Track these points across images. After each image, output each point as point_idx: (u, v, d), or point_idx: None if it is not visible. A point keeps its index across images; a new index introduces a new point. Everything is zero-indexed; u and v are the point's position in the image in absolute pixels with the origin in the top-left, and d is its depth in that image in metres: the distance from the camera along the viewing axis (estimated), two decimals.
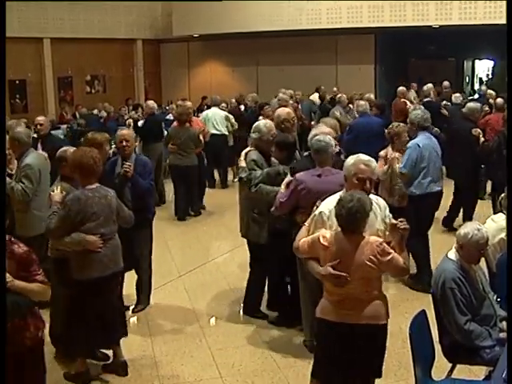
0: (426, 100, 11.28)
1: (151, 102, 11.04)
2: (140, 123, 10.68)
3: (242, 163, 5.52)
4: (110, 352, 4.90)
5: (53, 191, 4.77)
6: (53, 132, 13.53)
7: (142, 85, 20.19)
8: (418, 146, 6.35)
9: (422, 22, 15.06)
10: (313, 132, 5.49)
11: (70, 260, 4.57)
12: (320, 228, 3.90)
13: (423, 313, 3.96)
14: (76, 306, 4.60)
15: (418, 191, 6.37)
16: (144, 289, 5.98)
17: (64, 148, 5.18)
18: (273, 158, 5.55)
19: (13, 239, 3.59)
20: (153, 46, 20.43)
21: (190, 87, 20.53)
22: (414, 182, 6.36)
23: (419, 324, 3.84)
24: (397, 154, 6.45)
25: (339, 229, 3.72)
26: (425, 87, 11.67)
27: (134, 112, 14.11)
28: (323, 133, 5.21)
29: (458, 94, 11.74)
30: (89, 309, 4.55)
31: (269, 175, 5.33)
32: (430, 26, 15.26)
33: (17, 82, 16.20)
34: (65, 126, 14.52)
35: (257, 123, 5.72)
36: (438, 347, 4.08)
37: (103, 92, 18.94)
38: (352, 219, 3.61)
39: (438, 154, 6.53)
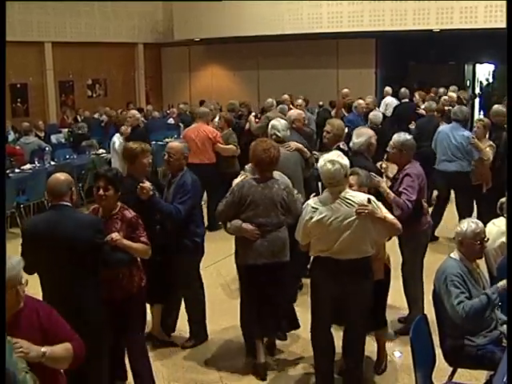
0: (403, 101, 12.42)
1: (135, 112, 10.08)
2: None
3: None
4: None
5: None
6: (53, 136, 13.71)
7: (143, 89, 20.24)
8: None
9: (423, 26, 15.07)
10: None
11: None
12: None
13: (424, 317, 3.95)
14: (241, 289, 5.04)
15: (436, 167, 8.02)
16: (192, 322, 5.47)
17: (259, 139, 5.20)
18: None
19: (125, 206, 4.22)
20: (154, 50, 20.48)
21: (191, 91, 20.56)
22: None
23: (420, 328, 3.83)
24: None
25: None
26: (402, 89, 12.64)
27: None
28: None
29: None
30: (247, 293, 4.88)
31: None
32: (431, 30, 15.26)
33: (18, 85, 16.24)
34: (66, 129, 14.57)
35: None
36: (438, 351, 4.08)
37: (104, 96, 18.98)
38: None
39: (453, 139, 7.82)
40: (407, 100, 12.49)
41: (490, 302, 3.92)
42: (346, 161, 4.25)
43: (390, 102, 13.30)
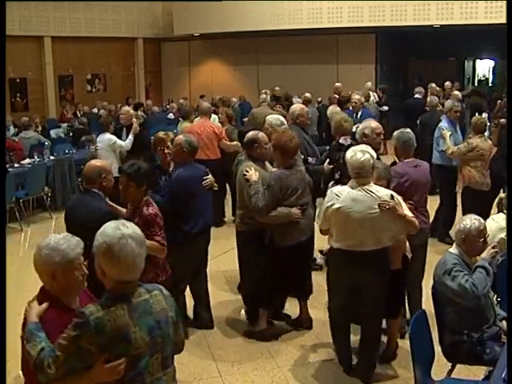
0: (415, 97, 12.47)
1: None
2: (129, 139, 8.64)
3: None
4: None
5: (247, 171, 5.08)
6: (52, 130, 13.69)
7: (142, 83, 20.19)
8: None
9: (423, 22, 15.05)
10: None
11: (269, 230, 5.10)
12: None
13: (423, 313, 3.95)
14: (274, 268, 5.12)
15: None
16: None
17: (255, 131, 5.42)
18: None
19: (149, 201, 4.14)
20: (153, 45, 20.43)
21: (190, 86, 20.53)
22: None
23: (419, 324, 3.83)
24: None
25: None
26: (416, 88, 12.76)
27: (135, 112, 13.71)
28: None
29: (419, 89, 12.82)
30: (285, 270, 5.08)
31: None
32: (431, 26, 15.24)
33: (17, 80, 16.19)
34: (65, 124, 14.55)
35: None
36: (437, 347, 4.08)
37: (104, 91, 18.94)
38: None
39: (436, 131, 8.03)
40: (419, 96, 12.44)
41: (487, 270, 3.97)
42: (373, 153, 4.43)
43: None
